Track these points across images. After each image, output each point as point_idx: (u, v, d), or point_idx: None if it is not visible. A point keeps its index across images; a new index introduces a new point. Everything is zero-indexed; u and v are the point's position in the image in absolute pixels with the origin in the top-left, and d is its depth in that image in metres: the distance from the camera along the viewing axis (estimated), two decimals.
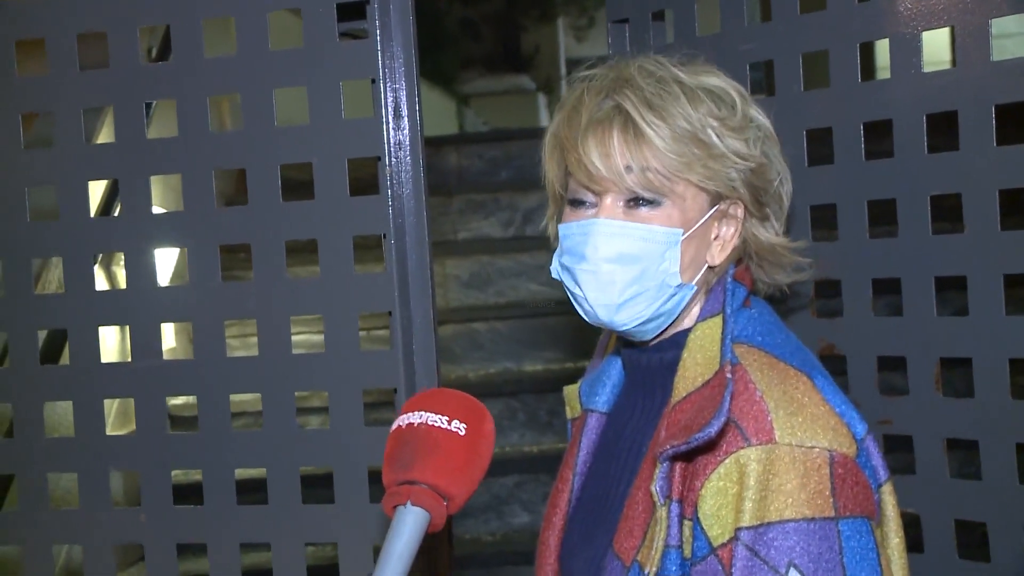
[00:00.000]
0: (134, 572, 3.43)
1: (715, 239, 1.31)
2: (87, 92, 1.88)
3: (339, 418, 1.80)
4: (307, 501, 1.83)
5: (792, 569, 1.15)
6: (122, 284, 3.75)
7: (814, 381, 1.24)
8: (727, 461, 1.19)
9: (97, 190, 3.23)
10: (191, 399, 3.51)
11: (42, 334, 2.07)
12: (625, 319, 1.29)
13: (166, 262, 3.98)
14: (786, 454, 1.17)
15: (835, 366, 1.71)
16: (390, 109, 1.77)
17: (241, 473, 1.86)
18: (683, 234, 1.26)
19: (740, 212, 1.31)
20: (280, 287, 1.81)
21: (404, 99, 1.78)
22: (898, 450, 1.70)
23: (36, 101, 1.91)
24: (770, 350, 1.27)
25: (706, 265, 1.31)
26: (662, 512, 1.23)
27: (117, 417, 3.78)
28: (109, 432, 1.93)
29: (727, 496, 1.18)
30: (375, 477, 1.80)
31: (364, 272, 1.79)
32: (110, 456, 1.91)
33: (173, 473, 1.89)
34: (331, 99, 1.78)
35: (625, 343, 1.38)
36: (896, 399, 1.71)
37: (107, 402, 1.94)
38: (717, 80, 1.30)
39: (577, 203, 1.30)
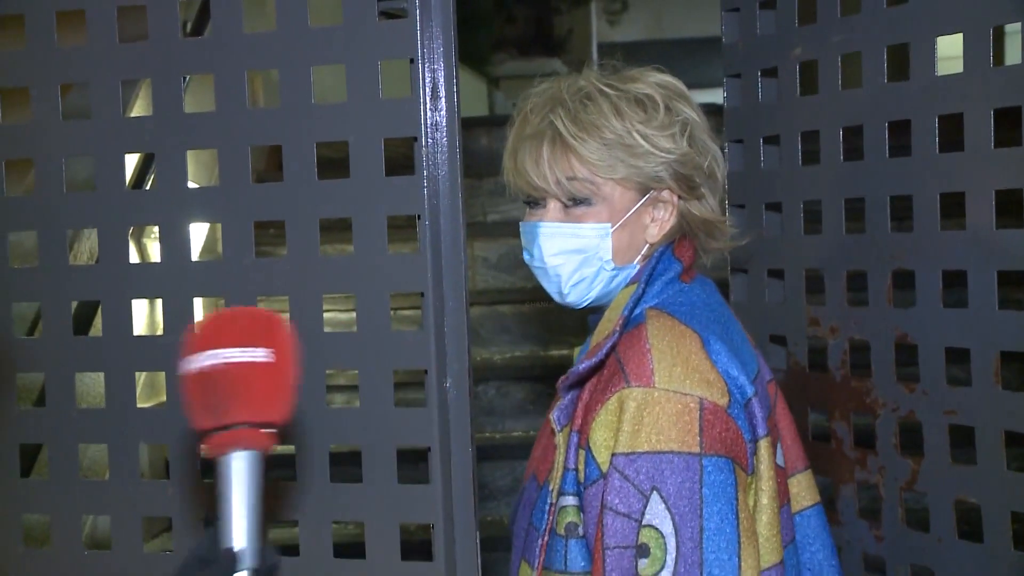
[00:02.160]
0: (157, 544, 3.46)
1: (651, 221, 1.51)
2: (126, 64, 1.88)
3: (369, 397, 1.80)
4: (334, 479, 1.83)
5: (655, 492, 1.34)
6: (152, 257, 3.78)
7: (706, 342, 1.42)
8: (611, 399, 1.39)
9: (129, 163, 3.23)
10: None
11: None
12: (574, 299, 1.52)
13: (195, 236, 3.99)
14: (661, 396, 1.36)
15: (910, 355, 1.83)
16: (428, 89, 1.76)
17: None
18: (612, 227, 1.48)
19: (672, 197, 1.50)
20: (313, 265, 1.81)
21: (442, 80, 1.77)
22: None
23: (75, 72, 1.91)
24: (677, 315, 1.45)
25: (647, 244, 1.51)
26: (559, 438, 1.47)
27: (143, 389, 3.80)
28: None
29: (611, 429, 1.38)
30: (404, 457, 1.80)
31: (396, 252, 1.79)
32: (140, 428, 1.92)
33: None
34: (369, 78, 1.77)
35: (590, 309, 1.57)
36: (960, 390, 1.76)
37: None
38: (642, 86, 1.48)
39: (531, 203, 1.53)
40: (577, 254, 1.48)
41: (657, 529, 1.33)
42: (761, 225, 2.06)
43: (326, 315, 1.84)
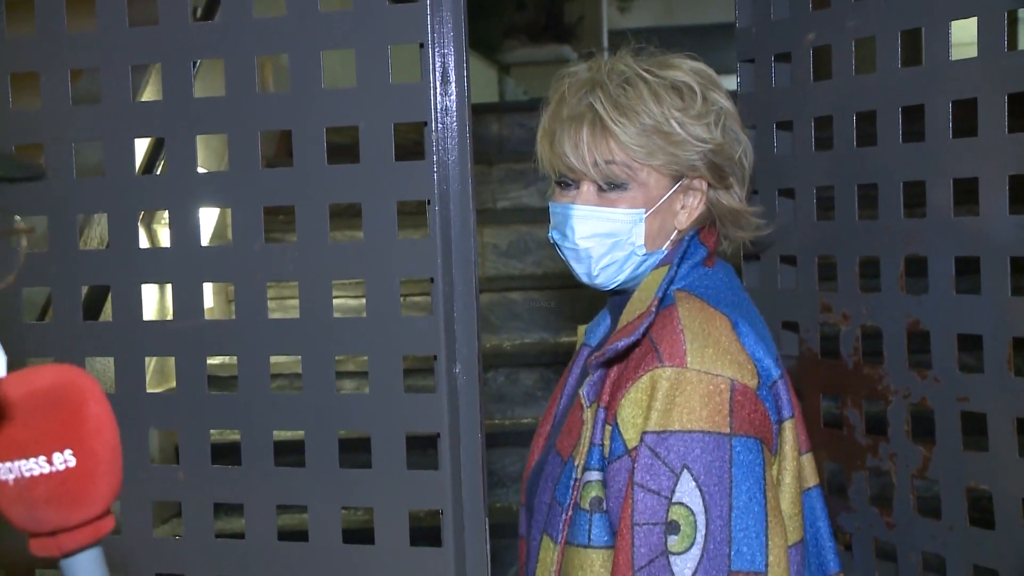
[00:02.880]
0: (168, 529, 3.47)
1: (681, 208, 1.53)
2: (135, 49, 1.87)
3: (378, 383, 1.80)
4: (344, 465, 1.83)
5: (685, 471, 1.36)
6: (162, 242, 3.78)
7: (736, 325, 1.45)
8: (643, 377, 1.41)
9: (139, 149, 3.23)
10: (227, 359, 3.54)
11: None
12: (602, 281, 1.54)
13: (206, 222, 3.98)
14: (693, 377, 1.39)
15: (922, 342, 1.83)
16: (438, 74, 1.76)
17: (278, 435, 1.87)
18: (646, 212, 1.49)
19: (702, 184, 1.52)
20: (323, 250, 1.81)
21: (452, 65, 1.76)
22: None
23: (84, 57, 1.90)
24: (704, 297, 1.48)
25: (675, 230, 1.54)
26: (588, 413, 1.49)
27: (153, 375, 3.81)
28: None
29: (641, 407, 1.40)
30: (413, 443, 1.80)
31: (405, 238, 1.78)
32: (150, 413, 1.92)
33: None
34: (379, 63, 1.76)
35: (610, 291, 1.61)
36: (972, 376, 1.76)
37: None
38: (680, 73, 1.50)
39: (563, 184, 1.54)
40: (609, 237, 1.50)
41: (687, 507, 1.36)
42: (774, 211, 2.05)
43: (335, 301, 1.84)
